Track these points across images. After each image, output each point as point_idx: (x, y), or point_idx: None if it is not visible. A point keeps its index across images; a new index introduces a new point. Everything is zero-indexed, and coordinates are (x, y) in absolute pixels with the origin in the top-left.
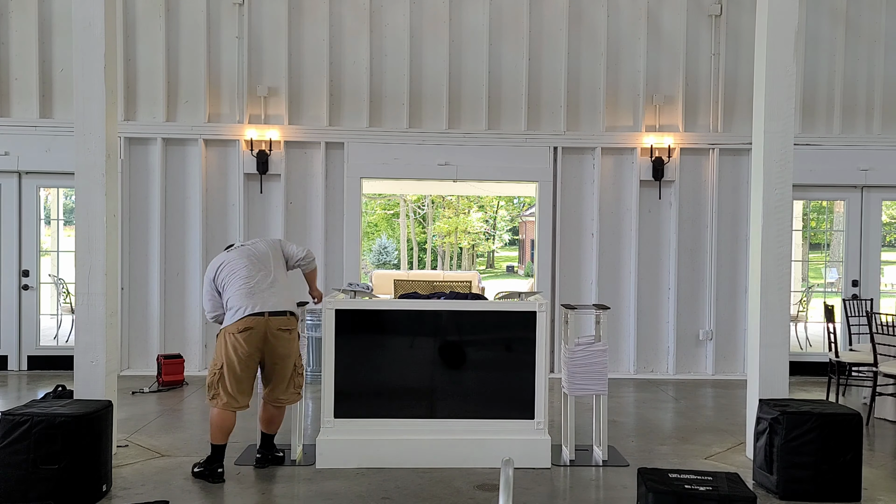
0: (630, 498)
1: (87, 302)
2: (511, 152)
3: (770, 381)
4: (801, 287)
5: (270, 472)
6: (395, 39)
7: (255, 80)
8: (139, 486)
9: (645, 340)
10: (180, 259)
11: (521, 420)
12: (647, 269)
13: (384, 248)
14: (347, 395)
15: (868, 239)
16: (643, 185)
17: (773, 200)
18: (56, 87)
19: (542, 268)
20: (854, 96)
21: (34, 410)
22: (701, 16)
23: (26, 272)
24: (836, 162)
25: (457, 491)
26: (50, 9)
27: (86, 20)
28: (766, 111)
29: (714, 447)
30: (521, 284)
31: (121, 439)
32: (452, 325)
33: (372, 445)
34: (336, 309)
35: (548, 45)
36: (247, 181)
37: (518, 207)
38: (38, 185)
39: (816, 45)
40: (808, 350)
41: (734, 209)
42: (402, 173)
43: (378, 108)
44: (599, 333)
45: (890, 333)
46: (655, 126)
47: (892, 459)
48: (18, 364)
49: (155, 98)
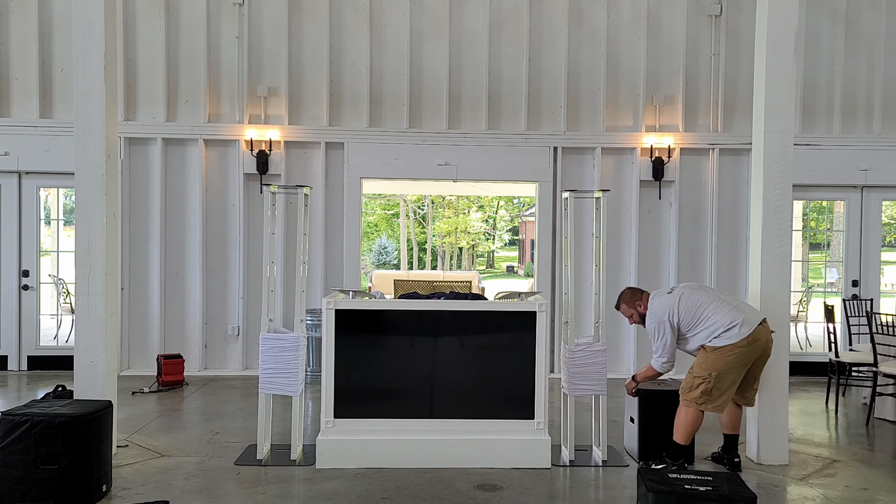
0: (630, 498)
1: (87, 302)
2: (511, 152)
3: (770, 381)
4: (801, 287)
5: (271, 472)
6: (395, 39)
7: (255, 80)
8: (139, 486)
9: (645, 340)
10: (180, 259)
11: (520, 420)
12: (647, 269)
13: (384, 248)
14: (347, 395)
15: (868, 239)
16: (643, 185)
17: (773, 200)
18: (56, 87)
19: (542, 268)
20: (854, 96)
21: (34, 410)
22: (701, 16)
23: (26, 272)
24: (836, 162)
25: (457, 491)
26: (50, 9)
27: (86, 20)
28: (766, 111)
29: (714, 447)
30: (521, 284)
31: (121, 439)
32: (452, 326)
33: (372, 445)
34: (336, 309)
35: (548, 45)
36: (247, 181)
37: (518, 207)
38: (38, 185)
39: (816, 45)
40: (808, 350)
41: (734, 209)
42: (402, 173)
43: (378, 108)
44: (598, 334)
45: (890, 333)
46: (655, 126)
47: (892, 459)
48: (18, 364)
49: (155, 98)
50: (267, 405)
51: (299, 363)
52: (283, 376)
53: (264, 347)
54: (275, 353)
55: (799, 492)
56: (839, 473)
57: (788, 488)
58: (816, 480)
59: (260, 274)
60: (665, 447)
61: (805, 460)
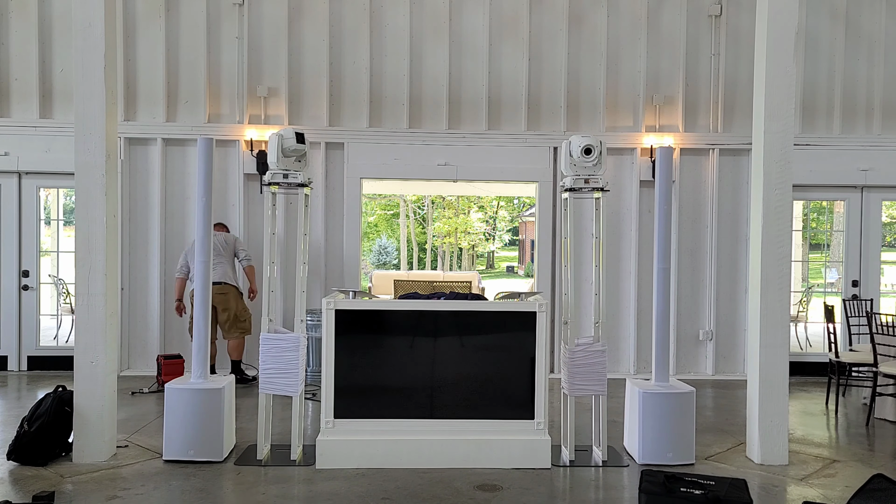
0: (630, 498)
1: (86, 302)
2: (511, 153)
3: (770, 382)
4: (801, 287)
5: (271, 472)
6: (395, 40)
7: (255, 81)
8: (139, 487)
9: (645, 340)
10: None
11: (520, 420)
12: (647, 269)
13: (384, 248)
14: (347, 396)
15: (868, 239)
16: (643, 186)
17: (773, 200)
18: (56, 88)
19: (542, 268)
20: (854, 97)
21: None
22: (701, 16)
23: (26, 272)
24: (836, 162)
25: (457, 491)
26: (50, 9)
27: (86, 20)
28: (766, 111)
29: (714, 447)
30: (521, 284)
31: (121, 439)
32: (452, 326)
33: (372, 445)
34: (336, 309)
35: (548, 45)
36: (247, 181)
37: (518, 208)
38: (38, 185)
39: (816, 46)
40: (808, 350)
41: (734, 209)
42: (402, 173)
43: (378, 108)
44: (598, 334)
45: (890, 333)
46: (655, 126)
47: (891, 460)
48: (18, 364)
49: (155, 98)
50: (267, 405)
51: (299, 363)
52: (283, 376)
53: (264, 347)
54: (275, 353)
55: (799, 492)
56: (839, 473)
57: (788, 488)
58: (816, 480)
59: (260, 274)
60: (665, 448)
61: (805, 460)
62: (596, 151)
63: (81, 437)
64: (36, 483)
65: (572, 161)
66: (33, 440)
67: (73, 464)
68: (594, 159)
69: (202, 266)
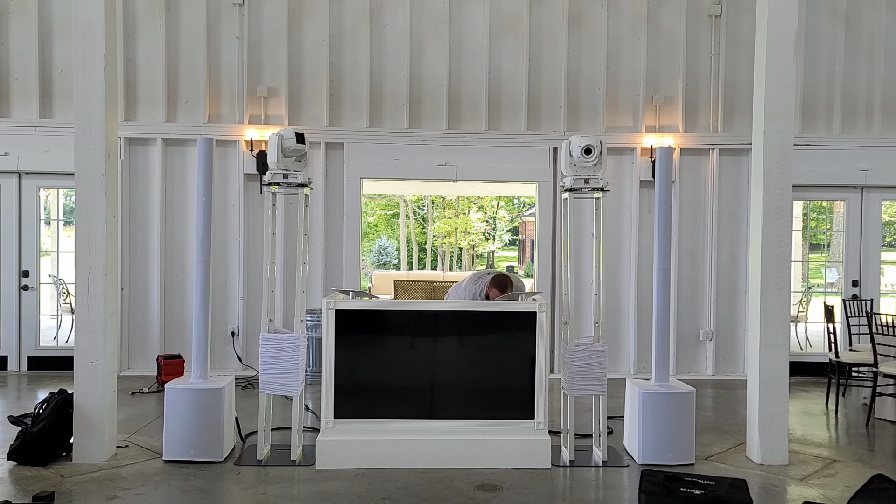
0: (630, 498)
1: (86, 302)
2: (511, 152)
3: (770, 382)
4: (801, 287)
5: (271, 472)
6: (395, 39)
7: (255, 81)
8: (139, 487)
9: (645, 340)
10: (180, 259)
11: (521, 420)
12: (647, 269)
13: (384, 248)
14: (347, 396)
15: (868, 239)
16: (643, 186)
17: (773, 200)
18: (56, 88)
19: (542, 268)
20: (854, 97)
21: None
22: (701, 16)
23: (26, 272)
24: (836, 162)
25: (457, 491)
26: (50, 9)
27: (86, 20)
28: (766, 111)
29: (714, 447)
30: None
31: (121, 439)
32: (452, 326)
33: (372, 446)
34: (336, 309)
35: (548, 45)
36: (247, 181)
37: (518, 208)
38: (38, 185)
39: (816, 46)
40: (808, 350)
41: (734, 209)
42: (402, 173)
43: (378, 108)
44: (598, 334)
45: (890, 333)
46: (655, 126)
47: (891, 460)
48: (18, 364)
49: (155, 98)
50: (267, 405)
51: (299, 363)
52: (284, 376)
53: (264, 348)
54: (275, 353)
55: (799, 492)
56: (839, 473)
57: (788, 488)
58: (816, 480)
59: (260, 274)
60: (665, 448)
61: (805, 460)
62: (596, 151)
63: (81, 437)
64: (36, 483)
65: (572, 161)
66: (36, 440)
67: (74, 464)
68: (594, 159)
69: (202, 266)
